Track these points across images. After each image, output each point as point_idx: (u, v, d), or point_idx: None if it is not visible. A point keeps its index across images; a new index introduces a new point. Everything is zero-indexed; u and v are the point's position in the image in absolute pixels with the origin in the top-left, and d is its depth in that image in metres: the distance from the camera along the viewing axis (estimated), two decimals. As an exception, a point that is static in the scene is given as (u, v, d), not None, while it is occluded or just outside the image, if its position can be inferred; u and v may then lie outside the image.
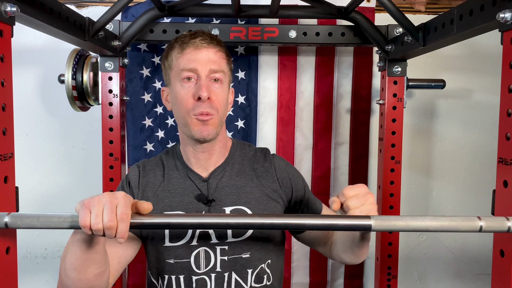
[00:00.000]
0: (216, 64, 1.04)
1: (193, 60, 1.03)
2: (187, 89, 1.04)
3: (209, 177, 1.09)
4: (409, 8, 1.71)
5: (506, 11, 0.73)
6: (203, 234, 1.05)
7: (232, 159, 1.13)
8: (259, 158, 1.15)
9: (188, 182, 1.09)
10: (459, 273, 1.83)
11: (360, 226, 0.80)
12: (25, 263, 1.72)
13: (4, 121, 0.76)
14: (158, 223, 0.83)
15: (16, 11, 0.75)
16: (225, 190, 1.08)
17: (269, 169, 1.13)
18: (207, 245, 1.05)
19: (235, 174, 1.11)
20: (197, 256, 1.05)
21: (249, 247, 1.06)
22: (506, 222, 0.74)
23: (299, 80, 1.67)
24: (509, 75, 0.76)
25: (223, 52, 1.08)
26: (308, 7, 1.34)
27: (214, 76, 1.04)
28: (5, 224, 0.74)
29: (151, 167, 1.14)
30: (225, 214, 1.04)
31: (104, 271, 0.93)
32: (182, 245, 1.05)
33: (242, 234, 1.06)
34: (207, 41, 1.04)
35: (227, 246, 1.05)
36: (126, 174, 1.15)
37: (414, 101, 1.77)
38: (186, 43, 1.05)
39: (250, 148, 1.19)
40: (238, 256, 1.05)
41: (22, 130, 1.68)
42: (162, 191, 1.09)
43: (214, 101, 1.03)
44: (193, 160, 1.10)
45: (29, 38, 1.63)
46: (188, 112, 1.03)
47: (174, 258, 1.05)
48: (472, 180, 1.79)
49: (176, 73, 1.06)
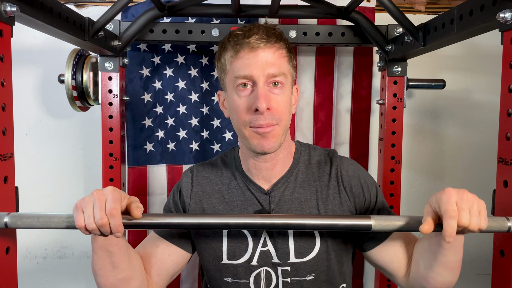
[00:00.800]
0: (275, 67, 0.92)
1: (248, 65, 0.91)
2: (243, 98, 0.93)
3: (271, 190, 1.00)
4: (409, 8, 1.71)
5: (506, 11, 0.73)
6: (264, 253, 0.98)
7: (296, 167, 1.03)
8: (324, 164, 1.04)
9: (248, 194, 1.01)
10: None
11: (360, 226, 0.80)
12: (25, 263, 1.72)
13: (4, 121, 0.76)
14: (154, 223, 0.82)
15: (16, 11, 0.75)
16: (288, 205, 0.99)
17: (335, 177, 1.01)
18: (268, 265, 0.97)
19: (298, 185, 1.01)
20: (257, 277, 0.98)
21: (313, 268, 0.97)
22: (506, 222, 0.74)
23: (299, 80, 1.67)
24: (509, 75, 0.76)
25: (284, 49, 0.95)
26: (308, 7, 1.34)
27: (273, 80, 0.92)
28: (5, 224, 0.74)
29: (205, 174, 1.06)
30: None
31: (130, 277, 0.91)
32: (241, 264, 0.98)
33: (306, 255, 0.97)
34: (264, 40, 0.91)
35: (290, 267, 0.97)
36: (179, 180, 1.08)
37: (414, 101, 1.77)
38: (240, 44, 0.92)
39: (315, 152, 1.07)
40: (302, 278, 0.97)
41: (22, 130, 1.68)
42: (219, 202, 1.02)
43: (274, 110, 0.92)
44: (254, 171, 1.00)
45: (28, 38, 1.63)
46: (245, 124, 0.93)
47: (232, 277, 0.99)
48: (472, 180, 1.79)
49: (230, 79, 0.95)
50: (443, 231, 0.71)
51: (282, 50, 0.94)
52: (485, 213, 0.73)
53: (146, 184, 1.65)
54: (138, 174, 1.63)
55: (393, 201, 1.46)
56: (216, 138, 1.66)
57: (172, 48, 1.62)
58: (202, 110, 1.65)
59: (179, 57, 1.62)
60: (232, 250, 0.99)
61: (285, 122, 0.94)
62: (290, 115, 0.97)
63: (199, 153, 1.66)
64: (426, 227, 0.74)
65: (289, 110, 0.97)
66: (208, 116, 1.66)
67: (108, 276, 0.88)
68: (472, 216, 0.71)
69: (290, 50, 0.97)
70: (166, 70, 1.63)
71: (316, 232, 0.98)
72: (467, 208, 0.72)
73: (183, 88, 1.64)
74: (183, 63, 1.63)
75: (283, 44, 0.95)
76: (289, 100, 0.97)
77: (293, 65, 0.99)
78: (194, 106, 1.65)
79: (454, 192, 0.73)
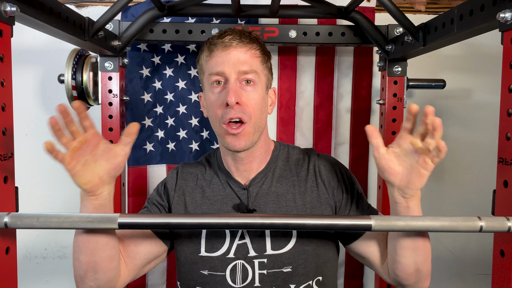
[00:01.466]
0: (247, 65, 0.96)
1: (221, 63, 0.95)
2: (216, 94, 0.97)
3: (250, 185, 1.03)
4: (409, 8, 1.71)
5: (506, 11, 0.73)
6: (240, 246, 0.99)
7: (274, 163, 1.06)
8: (303, 161, 1.07)
9: (228, 190, 1.04)
10: (459, 273, 1.83)
11: (360, 226, 0.80)
12: (25, 263, 1.72)
13: (4, 121, 0.76)
14: (148, 223, 0.83)
15: (16, 11, 0.75)
16: (265, 198, 1.02)
17: (312, 172, 1.04)
18: (244, 258, 0.98)
19: (276, 180, 1.03)
20: (233, 269, 0.98)
21: (290, 260, 0.98)
22: (506, 222, 0.74)
23: (299, 80, 1.67)
24: (509, 75, 0.76)
25: (257, 49, 0.99)
26: (308, 7, 1.34)
27: (245, 78, 0.96)
28: (5, 224, 0.74)
29: (190, 170, 1.10)
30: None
31: (112, 256, 0.91)
32: (218, 256, 0.99)
33: (282, 247, 0.98)
34: (236, 40, 0.96)
35: (266, 259, 0.98)
36: (165, 177, 1.12)
37: (414, 101, 1.76)
38: (214, 44, 0.97)
39: (293, 150, 1.10)
40: (279, 270, 0.97)
41: (22, 130, 1.68)
42: (201, 197, 1.05)
43: (245, 106, 0.95)
44: (233, 169, 1.04)
45: (28, 38, 1.63)
46: (218, 120, 0.96)
47: (208, 270, 0.99)
48: (472, 180, 1.78)
49: (206, 78, 0.99)
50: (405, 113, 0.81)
51: (254, 50, 0.98)
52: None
53: (146, 184, 1.65)
54: (138, 174, 1.63)
55: (393, 201, 1.45)
56: (216, 138, 1.65)
57: (172, 48, 1.62)
58: (202, 110, 1.65)
59: (179, 57, 1.62)
60: (210, 243, 1.00)
61: (255, 120, 0.97)
62: (263, 114, 1.00)
63: (199, 153, 1.66)
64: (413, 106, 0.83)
65: (261, 108, 0.99)
66: (208, 116, 1.66)
67: (92, 254, 0.89)
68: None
69: (264, 52, 1.01)
70: (166, 70, 1.63)
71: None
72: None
73: (183, 88, 1.64)
74: (183, 63, 1.63)
75: (256, 46, 0.99)
76: (262, 99, 0.99)
77: (267, 67, 1.02)
78: (194, 106, 1.65)
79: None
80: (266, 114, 1.03)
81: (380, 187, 1.48)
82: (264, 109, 1.01)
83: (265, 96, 1.01)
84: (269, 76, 1.04)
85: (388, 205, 1.45)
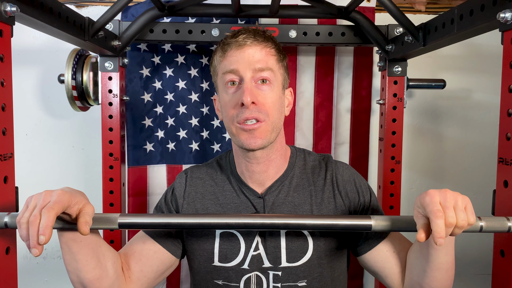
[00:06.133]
0: (262, 62, 0.92)
1: (235, 61, 0.92)
2: (230, 95, 0.93)
3: (266, 193, 0.99)
4: (409, 8, 1.71)
5: (507, 11, 0.73)
6: (255, 257, 0.96)
7: (291, 171, 1.01)
8: (319, 169, 1.03)
9: (242, 197, 1.00)
10: (459, 273, 1.81)
11: (361, 226, 0.80)
12: (25, 263, 1.72)
13: (4, 121, 0.76)
14: (148, 223, 0.83)
15: (16, 11, 0.75)
16: (282, 208, 0.98)
17: (330, 182, 1.00)
18: (259, 270, 0.96)
19: (293, 189, 1.00)
20: (247, 281, 0.96)
21: (305, 274, 0.95)
22: (506, 222, 0.74)
23: (299, 80, 1.67)
24: (509, 75, 0.76)
25: (272, 48, 0.95)
26: (308, 7, 1.34)
27: (261, 77, 0.92)
28: (5, 224, 0.74)
29: (200, 175, 1.05)
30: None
31: (100, 276, 0.88)
32: (232, 267, 0.97)
33: (298, 259, 0.96)
34: (251, 38, 0.93)
35: (281, 272, 0.95)
36: (173, 182, 1.08)
37: (414, 101, 1.77)
38: (228, 43, 0.94)
39: (310, 157, 1.06)
40: (293, 284, 0.95)
41: (22, 130, 1.68)
42: (213, 204, 1.01)
43: (261, 105, 0.91)
44: (247, 174, 0.99)
45: (28, 38, 1.63)
46: (232, 120, 0.92)
47: (223, 280, 0.97)
48: (472, 180, 1.79)
49: (220, 78, 0.96)
50: (433, 233, 0.69)
51: (269, 48, 0.95)
52: (471, 207, 0.73)
53: (146, 184, 1.65)
54: (138, 174, 1.63)
55: (393, 201, 1.46)
56: (216, 138, 1.66)
57: (172, 48, 1.62)
58: (202, 110, 1.65)
59: (179, 57, 1.62)
60: (224, 253, 0.98)
61: (272, 119, 0.93)
62: (280, 115, 0.96)
63: (199, 153, 1.66)
64: (422, 235, 0.72)
65: (278, 108, 0.95)
66: (208, 116, 1.66)
67: (76, 273, 0.86)
68: (458, 212, 0.70)
69: (280, 51, 0.97)
70: (166, 70, 1.63)
71: (309, 236, 0.97)
72: (452, 206, 0.71)
73: (183, 88, 1.64)
74: (183, 63, 1.63)
75: (271, 44, 0.96)
76: (278, 98, 0.95)
77: (283, 66, 0.98)
78: (194, 106, 1.65)
79: (436, 193, 0.73)
80: (283, 115, 0.99)
81: (380, 187, 1.48)
82: (281, 109, 0.97)
83: (281, 95, 0.97)
84: (285, 75, 1.00)
85: (388, 205, 1.46)
